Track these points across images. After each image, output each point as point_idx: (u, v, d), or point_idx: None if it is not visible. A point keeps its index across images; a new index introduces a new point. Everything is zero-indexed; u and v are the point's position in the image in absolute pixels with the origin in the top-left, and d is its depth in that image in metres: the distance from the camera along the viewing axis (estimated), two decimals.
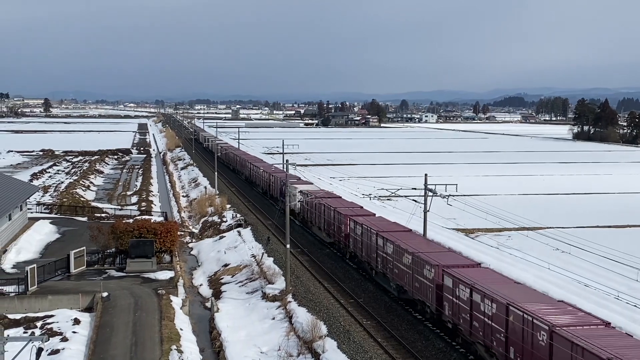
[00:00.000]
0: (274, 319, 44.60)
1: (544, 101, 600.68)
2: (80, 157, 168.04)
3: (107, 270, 54.58)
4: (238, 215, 79.23)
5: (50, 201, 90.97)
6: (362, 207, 63.77)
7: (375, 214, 60.76)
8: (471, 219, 74.04)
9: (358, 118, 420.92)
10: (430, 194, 51.42)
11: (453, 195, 52.23)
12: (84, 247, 55.77)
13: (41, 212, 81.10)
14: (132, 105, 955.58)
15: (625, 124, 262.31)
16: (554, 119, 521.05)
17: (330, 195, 72.39)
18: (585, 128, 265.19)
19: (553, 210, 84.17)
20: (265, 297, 48.98)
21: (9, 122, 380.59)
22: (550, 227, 70.48)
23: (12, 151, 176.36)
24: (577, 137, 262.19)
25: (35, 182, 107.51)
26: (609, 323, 30.33)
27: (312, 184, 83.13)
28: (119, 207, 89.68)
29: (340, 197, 71.58)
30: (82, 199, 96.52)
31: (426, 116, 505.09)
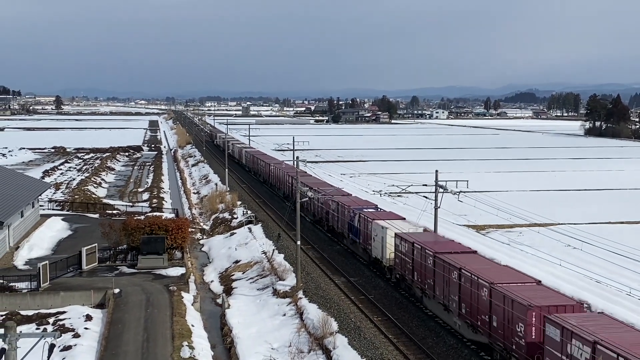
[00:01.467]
0: (284, 315, 44.65)
1: (555, 97, 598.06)
2: (91, 154, 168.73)
3: (118, 267, 54.77)
4: (249, 211, 79.32)
5: (62, 198, 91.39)
6: (540, 282, 36.27)
7: (588, 308, 37.92)
8: (482, 215, 73.80)
9: (368, 114, 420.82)
10: (441, 190, 51.27)
11: (464, 192, 52.00)
12: (96, 244, 55.99)
13: (53, 209, 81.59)
14: (142, 102, 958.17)
15: (637, 119, 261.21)
16: (565, 114, 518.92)
17: (458, 248, 43.88)
18: (597, 124, 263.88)
19: (564, 206, 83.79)
20: (276, 293, 49.02)
21: (20, 120, 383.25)
22: (561, 223, 70.19)
23: (24, 148, 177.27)
24: (589, 132, 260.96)
25: (47, 179, 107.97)
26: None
27: (405, 219, 55.56)
28: (130, 204, 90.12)
29: (476, 252, 43.74)
30: (93, 195, 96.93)
31: (437, 112, 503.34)
